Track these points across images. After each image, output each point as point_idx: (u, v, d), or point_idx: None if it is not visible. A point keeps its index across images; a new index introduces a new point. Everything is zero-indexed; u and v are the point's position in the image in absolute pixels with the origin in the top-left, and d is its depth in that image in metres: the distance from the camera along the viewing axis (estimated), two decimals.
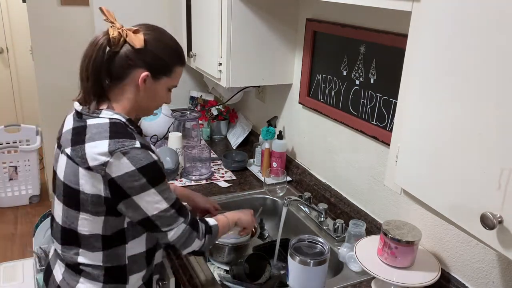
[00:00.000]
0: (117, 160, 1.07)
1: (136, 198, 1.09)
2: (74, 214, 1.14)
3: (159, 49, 1.16)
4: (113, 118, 1.14)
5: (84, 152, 1.09)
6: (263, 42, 1.85)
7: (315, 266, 1.22)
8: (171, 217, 1.14)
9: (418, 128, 0.90)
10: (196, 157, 2.02)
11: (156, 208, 1.11)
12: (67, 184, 1.13)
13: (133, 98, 1.18)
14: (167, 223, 1.14)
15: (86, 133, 1.12)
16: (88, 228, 1.14)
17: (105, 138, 1.09)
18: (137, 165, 1.07)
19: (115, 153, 1.07)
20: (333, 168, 1.78)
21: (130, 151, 1.08)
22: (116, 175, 1.07)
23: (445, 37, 0.82)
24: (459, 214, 0.82)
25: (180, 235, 1.16)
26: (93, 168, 1.08)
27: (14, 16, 4.22)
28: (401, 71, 0.97)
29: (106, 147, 1.07)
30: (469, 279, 1.24)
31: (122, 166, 1.07)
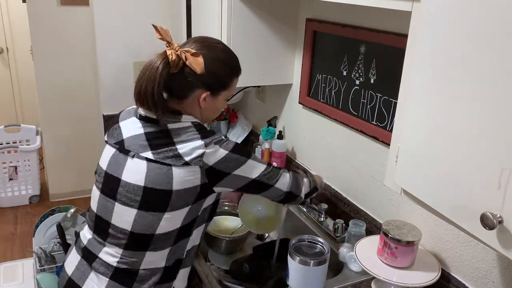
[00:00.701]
0: (212, 149, 1.13)
1: (238, 171, 1.17)
2: (156, 217, 1.15)
3: (217, 68, 1.20)
4: (194, 121, 1.20)
5: (178, 152, 1.13)
6: (263, 42, 1.85)
7: (315, 266, 1.22)
8: (273, 171, 1.24)
9: (418, 128, 0.90)
10: None
11: (257, 171, 1.20)
12: (152, 187, 1.13)
13: (197, 111, 1.23)
14: (272, 177, 1.24)
15: (172, 136, 1.15)
16: (169, 226, 1.16)
17: (197, 138, 1.15)
18: (229, 149, 1.15)
19: (210, 145, 1.14)
20: (333, 168, 1.78)
21: (221, 141, 1.16)
22: (214, 162, 1.13)
23: (445, 37, 0.82)
24: (459, 214, 0.82)
25: (289, 180, 1.28)
26: (190, 162, 1.12)
27: (14, 16, 4.22)
28: (401, 71, 0.97)
29: (200, 142, 1.14)
30: (469, 279, 1.24)
31: (217, 154, 1.14)
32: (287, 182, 1.28)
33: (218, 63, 1.20)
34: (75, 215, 2.31)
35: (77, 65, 3.33)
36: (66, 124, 3.44)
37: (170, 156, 1.12)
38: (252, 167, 1.20)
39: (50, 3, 3.14)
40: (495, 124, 0.72)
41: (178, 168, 1.12)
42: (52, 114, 3.42)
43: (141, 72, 1.16)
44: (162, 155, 1.13)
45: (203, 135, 1.16)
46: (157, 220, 1.15)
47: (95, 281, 1.18)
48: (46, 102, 3.37)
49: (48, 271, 2.11)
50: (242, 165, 1.18)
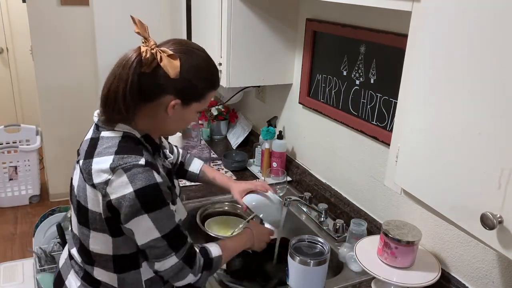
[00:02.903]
0: (118, 178, 1.00)
1: (129, 225, 1.03)
2: (86, 232, 1.09)
3: (193, 76, 1.06)
4: (127, 132, 1.07)
5: (91, 168, 1.04)
6: (263, 42, 1.85)
7: (315, 266, 1.22)
8: (161, 248, 1.06)
9: (418, 128, 0.90)
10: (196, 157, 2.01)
11: (145, 238, 1.04)
12: (78, 200, 1.08)
13: (160, 119, 1.10)
14: (155, 254, 1.07)
15: (97, 147, 1.06)
16: (99, 247, 1.09)
17: (111, 153, 1.03)
18: (136, 185, 1.00)
19: (117, 170, 1.00)
20: (333, 168, 1.78)
21: (132, 168, 1.01)
22: (114, 197, 1.00)
23: (445, 37, 0.82)
24: (459, 214, 0.82)
25: (169, 268, 1.08)
26: (96, 186, 1.02)
27: (14, 16, 4.22)
28: (401, 71, 0.97)
29: (108, 164, 1.01)
30: (469, 279, 1.24)
31: (120, 186, 1.00)
32: (164, 268, 1.08)
33: (196, 71, 1.07)
34: None
35: (77, 65, 3.33)
36: (66, 124, 3.44)
37: (87, 171, 1.04)
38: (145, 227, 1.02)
39: (50, 3, 3.14)
40: (495, 124, 0.72)
41: (89, 187, 1.04)
42: (52, 114, 3.42)
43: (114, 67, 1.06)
44: (84, 166, 1.06)
45: (119, 150, 1.03)
46: (87, 236, 1.09)
47: (73, 278, 1.18)
48: (46, 102, 3.37)
49: (48, 271, 2.10)
50: (134, 218, 1.01)
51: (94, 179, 1.02)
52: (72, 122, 3.45)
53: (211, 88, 1.12)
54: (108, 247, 1.09)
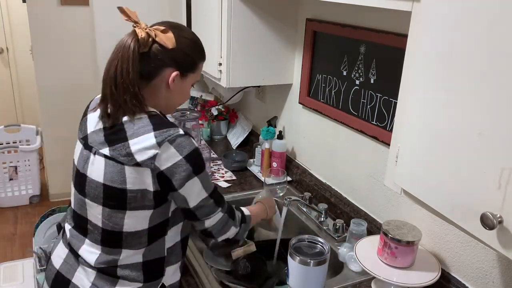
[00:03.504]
0: (165, 150, 1.07)
1: (182, 190, 1.11)
2: (120, 215, 1.12)
3: (187, 46, 1.16)
4: (149, 111, 1.14)
5: (130, 150, 1.08)
6: (263, 42, 1.85)
7: (315, 266, 1.22)
8: (210, 206, 1.17)
9: (418, 128, 0.90)
10: None
11: (197, 198, 1.14)
12: (110, 185, 1.10)
13: (162, 96, 1.17)
14: (205, 213, 1.17)
15: (126, 130, 1.10)
16: (135, 225, 1.13)
17: (149, 131, 1.09)
18: (183, 153, 1.08)
19: (163, 144, 1.07)
20: (333, 168, 1.78)
21: (176, 138, 1.09)
22: (165, 167, 1.07)
23: (445, 37, 0.82)
24: (459, 214, 0.82)
25: (217, 222, 1.20)
26: (142, 163, 1.07)
27: (14, 16, 4.22)
28: (401, 71, 0.97)
29: (153, 140, 1.07)
30: (469, 279, 1.24)
31: (170, 157, 1.07)
32: (214, 222, 1.20)
33: (188, 41, 1.17)
34: None
35: (77, 65, 3.33)
36: (66, 124, 3.44)
37: (124, 154, 1.08)
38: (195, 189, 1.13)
39: (50, 3, 3.14)
40: (495, 124, 0.72)
41: (130, 168, 1.08)
42: (52, 114, 3.42)
43: (113, 53, 1.12)
44: (117, 152, 1.09)
45: (156, 127, 1.10)
46: (121, 219, 1.13)
47: (83, 274, 1.18)
48: (46, 102, 3.37)
49: None
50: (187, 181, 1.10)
51: (138, 158, 1.07)
52: (72, 122, 3.44)
53: (202, 58, 1.23)
54: (144, 221, 1.14)
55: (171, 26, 1.16)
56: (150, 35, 1.10)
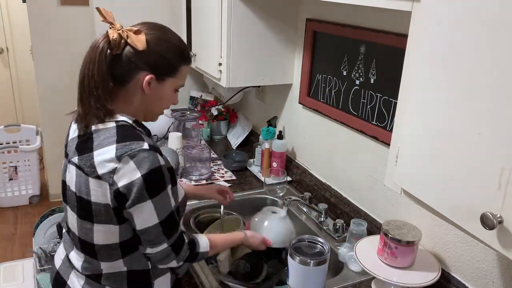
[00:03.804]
0: (125, 165, 1.02)
1: (132, 210, 1.04)
2: (89, 226, 1.09)
3: (162, 48, 1.09)
4: (119, 120, 1.09)
5: (93, 161, 1.05)
6: (263, 42, 1.85)
7: (315, 266, 1.22)
8: (156, 234, 1.08)
9: (418, 128, 0.90)
10: (196, 157, 2.02)
11: (144, 223, 1.06)
12: (79, 196, 1.08)
13: (139, 101, 1.12)
14: (149, 239, 1.09)
15: (93, 140, 1.07)
16: (104, 238, 1.10)
17: (112, 143, 1.04)
18: (142, 170, 1.02)
19: (123, 158, 1.02)
20: (333, 168, 1.78)
21: (138, 153, 1.03)
22: (122, 184, 1.02)
23: (445, 37, 0.82)
24: (459, 214, 0.82)
25: (158, 252, 1.10)
26: (102, 177, 1.03)
27: (14, 16, 4.22)
28: (401, 71, 0.97)
29: (113, 153, 1.03)
30: (469, 279, 1.24)
31: (127, 172, 1.02)
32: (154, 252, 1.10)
33: (165, 43, 1.09)
34: None
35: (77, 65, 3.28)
36: (66, 124, 3.43)
37: (88, 165, 1.05)
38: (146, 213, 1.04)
39: (50, 3, 3.14)
40: (495, 124, 0.72)
41: (93, 180, 1.05)
42: (52, 114, 3.41)
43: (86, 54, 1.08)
44: (83, 161, 1.07)
45: (120, 138, 1.04)
46: (90, 230, 1.09)
47: (75, 278, 1.18)
48: (46, 102, 3.37)
49: (48, 271, 2.10)
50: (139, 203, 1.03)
51: (99, 171, 1.03)
52: None
53: (182, 62, 1.14)
54: (114, 236, 1.10)
55: (149, 27, 1.10)
56: (122, 36, 1.05)
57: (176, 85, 1.16)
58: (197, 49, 2.12)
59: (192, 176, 2.01)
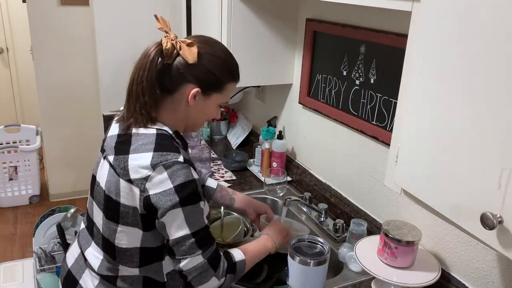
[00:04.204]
0: (158, 174, 1.03)
1: (164, 218, 1.04)
2: (113, 227, 1.10)
3: (212, 64, 1.10)
4: (160, 129, 1.10)
5: (127, 164, 1.05)
6: (263, 42, 1.85)
7: (315, 266, 1.22)
8: (189, 246, 1.06)
9: (418, 128, 0.90)
10: (196, 157, 2.02)
11: (176, 232, 1.05)
12: (108, 194, 1.09)
13: (182, 112, 1.13)
14: (182, 251, 1.06)
15: (131, 143, 1.08)
16: (126, 241, 1.10)
17: (149, 150, 1.05)
18: (175, 182, 1.03)
19: (157, 167, 1.03)
20: (333, 168, 1.78)
21: (173, 165, 1.03)
22: (153, 193, 1.03)
23: (445, 37, 0.82)
24: (459, 214, 0.82)
25: (194, 267, 1.06)
26: (134, 181, 1.04)
27: (14, 16, 4.22)
28: (401, 71, 0.97)
29: (149, 160, 1.03)
30: (469, 279, 1.24)
31: (161, 182, 1.03)
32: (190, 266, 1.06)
33: (215, 59, 1.11)
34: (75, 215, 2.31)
35: (77, 65, 3.33)
36: (66, 124, 3.45)
37: (121, 167, 1.07)
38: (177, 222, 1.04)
39: (50, 3, 3.14)
40: (495, 124, 0.72)
41: (125, 182, 1.06)
42: (52, 114, 3.41)
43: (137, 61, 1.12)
44: (117, 162, 1.08)
45: (157, 148, 1.05)
46: (113, 231, 1.10)
47: (89, 277, 1.18)
48: (46, 102, 3.37)
49: (48, 271, 2.10)
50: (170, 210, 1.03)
51: (132, 175, 1.04)
52: (72, 122, 3.45)
53: (231, 79, 1.15)
54: (136, 240, 1.10)
55: (202, 41, 1.11)
56: (175, 46, 1.06)
57: (220, 101, 1.17)
58: None
59: None
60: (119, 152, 1.09)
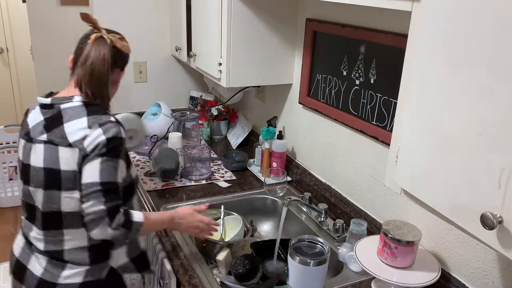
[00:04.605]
0: (94, 131, 1.18)
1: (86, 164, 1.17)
2: (56, 195, 1.21)
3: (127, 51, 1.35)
4: (85, 101, 1.25)
5: (64, 132, 1.19)
6: (263, 42, 1.85)
7: (315, 266, 1.22)
8: (95, 192, 1.16)
9: (418, 128, 0.90)
10: (196, 157, 2.02)
11: (89, 177, 1.16)
12: (47, 167, 1.20)
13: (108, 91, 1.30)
14: (88, 194, 1.16)
15: (63, 116, 1.22)
16: (73, 205, 1.21)
17: (83, 116, 1.21)
18: (108, 134, 1.18)
19: (93, 126, 1.19)
20: (333, 168, 1.78)
21: (106, 123, 1.20)
22: (90, 148, 1.17)
23: (445, 37, 0.82)
24: (459, 214, 0.82)
25: (92, 211, 1.15)
26: (73, 144, 1.18)
27: (14, 16, 4.22)
28: (401, 71, 0.97)
29: (85, 123, 1.19)
30: (469, 279, 1.24)
31: (96, 138, 1.17)
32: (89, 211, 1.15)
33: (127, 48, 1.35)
34: None
35: None
36: None
37: (59, 136, 1.19)
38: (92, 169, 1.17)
39: (50, 3, 3.14)
40: (495, 124, 0.72)
41: (63, 148, 1.19)
42: None
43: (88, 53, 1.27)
44: (53, 135, 1.20)
45: (90, 113, 1.22)
46: (58, 198, 1.21)
47: (37, 261, 1.28)
48: None
49: None
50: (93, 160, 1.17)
51: (70, 139, 1.18)
52: None
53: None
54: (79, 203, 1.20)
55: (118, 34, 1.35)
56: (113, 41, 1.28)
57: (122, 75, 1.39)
58: (197, 49, 2.12)
59: (192, 176, 2.01)
60: (52, 127, 1.22)
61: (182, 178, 2.02)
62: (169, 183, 1.97)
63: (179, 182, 1.99)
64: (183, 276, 1.39)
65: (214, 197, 1.87)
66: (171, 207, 1.77)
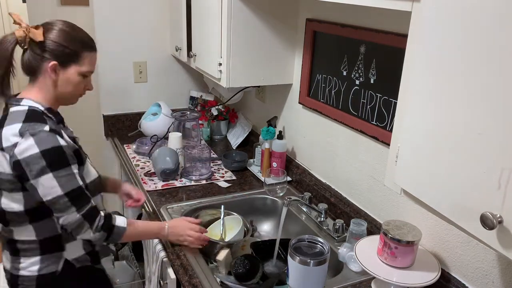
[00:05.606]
0: (25, 141, 1.16)
1: (35, 182, 1.18)
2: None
3: (59, 38, 1.24)
4: (32, 106, 1.25)
5: (1, 135, 1.20)
6: (263, 42, 1.85)
7: (315, 266, 1.22)
8: (63, 205, 1.20)
9: (418, 128, 0.90)
10: (196, 157, 2.02)
11: (49, 194, 1.19)
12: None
13: (50, 88, 1.27)
14: (58, 209, 1.21)
15: (6, 119, 1.22)
16: (10, 205, 1.25)
17: (19, 121, 1.20)
18: (41, 147, 1.16)
19: (25, 134, 1.17)
20: (333, 168, 1.78)
21: (38, 133, 1.17)
22: (22, 157, 1.16)
23: (444, 37, 0.82)
24: (459, 214, 0.82)
25: (69, 222, 1.23)
26: (5, 149, 1.18)
27: None
28: (401, 71, 0.97)
29: (17, 130, 1.18)
30: (469, 279, 1.24)
31: (28, 147, 1.16)
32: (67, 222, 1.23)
33: (62, 33, 1.25)
34: None
35: None
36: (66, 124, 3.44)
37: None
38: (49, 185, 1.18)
39: (50, 3, 3.14)
40: (495, 124, 0.72)
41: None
42: None
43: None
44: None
45: (26, 119, 1.20)
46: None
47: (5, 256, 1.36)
48: None
49: None
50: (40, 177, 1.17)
51: (4, 143, 1.19)
52: (71, 122, 3.44)
53: (84, 49, 1.29)
54: (19, 202, 1.24)
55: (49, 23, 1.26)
56: (26, 33, 1.22)
57: (81, 71, 1.29)
58: (197, 49, 2.12)
59: (192, 176, 2.01)
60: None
61: (182, 178, 2.02)
62: (169, 183, 1.97)
63: (179, 182, 1.99)
64: (183, 276, 1.39)
65: (214, 197, 1.87)
66: (171, 207, 1.77)
